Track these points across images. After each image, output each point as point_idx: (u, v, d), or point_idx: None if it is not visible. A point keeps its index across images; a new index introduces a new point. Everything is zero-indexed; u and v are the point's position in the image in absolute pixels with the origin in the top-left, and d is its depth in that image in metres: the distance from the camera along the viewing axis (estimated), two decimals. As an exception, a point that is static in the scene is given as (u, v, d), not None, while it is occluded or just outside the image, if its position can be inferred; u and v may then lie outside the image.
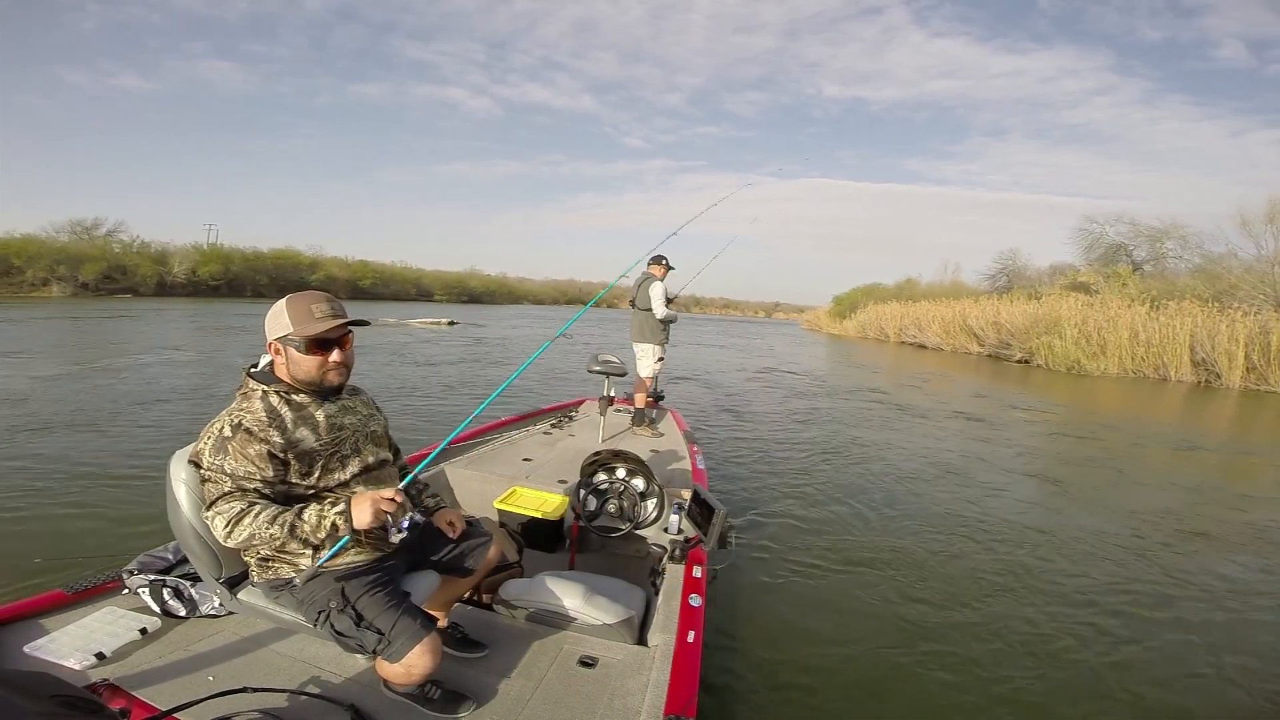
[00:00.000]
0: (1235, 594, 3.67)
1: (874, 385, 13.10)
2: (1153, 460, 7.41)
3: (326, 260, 43.81)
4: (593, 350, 5.13)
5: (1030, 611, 3.30)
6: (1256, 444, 9.27)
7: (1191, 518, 5.09)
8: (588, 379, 5.48)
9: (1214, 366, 17.75)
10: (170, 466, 1.65)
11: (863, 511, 4.76)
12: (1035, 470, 6.53)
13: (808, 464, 6.10)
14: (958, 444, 7.49)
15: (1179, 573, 3.90)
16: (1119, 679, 2.75)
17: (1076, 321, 20.51)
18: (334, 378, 1.63)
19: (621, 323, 34.70)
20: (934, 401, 10.94)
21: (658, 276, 5.32)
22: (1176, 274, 28.08)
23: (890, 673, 2.71)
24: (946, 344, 27.46)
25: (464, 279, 62.08)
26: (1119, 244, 32.42)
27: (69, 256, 28.46)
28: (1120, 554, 4.17)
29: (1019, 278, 36.37)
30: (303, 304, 1.57)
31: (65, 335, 13.24)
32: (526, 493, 3.03)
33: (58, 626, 1.83)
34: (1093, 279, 28.62)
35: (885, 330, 33.35)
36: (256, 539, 1.45)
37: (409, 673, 1.53)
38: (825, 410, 9.53)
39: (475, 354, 14.34)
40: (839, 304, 44.97)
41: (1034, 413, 10.54)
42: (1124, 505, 5.34)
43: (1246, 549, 4.46)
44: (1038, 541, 4.33)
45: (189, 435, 1.61)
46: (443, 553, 1.89)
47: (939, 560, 3.91)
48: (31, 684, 1.00)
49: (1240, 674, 2.85)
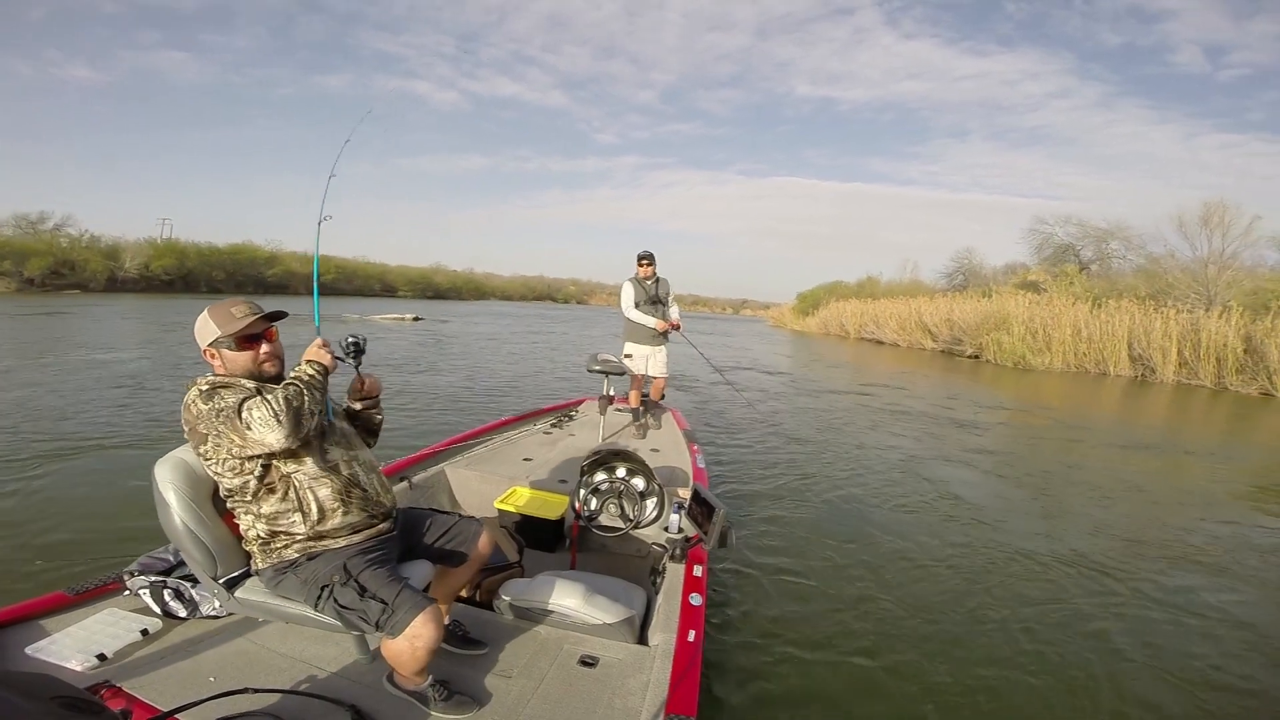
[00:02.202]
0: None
1: (851, 385, 13.24)
2: (1102, 459, 7.63)
3: (285, 255, 42.81)
4: (592, 350, 5.10)
5: (1032, 610, 3.35)
6: (1192, 440, 9.79)
7: (1144, 517, 5.32)
8: (588, 379, 5.42)
9: (1149, 362, 18.73)
10: (155, 473, 1.68)
11: (862, 511, 4.80)
12: (1009, 471, 6.64)
13: (805, 464, 6.11)
14: (938, 444, 7.61)
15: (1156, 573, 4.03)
16: (1111, 672, 2.82)
17: (1024, 319, 21.37)
18: (269, 368, 1.76)
19: (590, 319, 34.36)
20: (915, 401, 11.10)
21: (640, 276, 5.20)
22: (1121, 274, 29.41)
23: (890, 672, 2.72)
24: (903, 340, 28.28)
25: (429, 275, 61.21)
26: (1068, 244, 33.80)
27: (13, 251, 27.35)
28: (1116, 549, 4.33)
29: (974, 276, 37.59)
30: (223, 309, 1.72)
31: (20, 332, 12.81)
32: (527, 492, 3.06)
33: (59, 628, 1.83)
34: (1042, 278, 29.69)
35: (845, 327, 34.13)
36: (293, 398, 1.58)
37: (413, 646, 1.57)
38: (813, 409, 9.61)
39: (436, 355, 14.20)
40: (803, 301, 45.78)
41: (1012, 413, 10.76)
42: (1082, 508, 5.54)
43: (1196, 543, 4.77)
44: (1035, 539, 4.41)
45: (164, 428, 1.70)
46: (433, 541, 1.97)
47: (938, 559, 3.97)
48: (33, 685, 1.01)
49: (1180, 660, 2.99)
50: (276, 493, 1.69)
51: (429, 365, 11.81)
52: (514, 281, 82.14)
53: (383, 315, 24.27)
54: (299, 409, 1.58)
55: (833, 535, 4.24)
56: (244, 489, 1.67)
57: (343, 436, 1.85)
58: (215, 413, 1.56)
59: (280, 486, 1.69)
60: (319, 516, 1.70)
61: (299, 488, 1.70)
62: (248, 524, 1.71)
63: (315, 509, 1.70)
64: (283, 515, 1.68)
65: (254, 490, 1.67)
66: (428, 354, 13.75)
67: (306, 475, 1.71)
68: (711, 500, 2.50)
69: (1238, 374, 17.11)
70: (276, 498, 1.69)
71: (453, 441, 3.78)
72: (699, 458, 3.91)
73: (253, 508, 1.69)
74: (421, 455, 3.47)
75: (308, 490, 1.70)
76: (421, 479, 3.24)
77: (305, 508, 1.69)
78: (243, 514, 1.71)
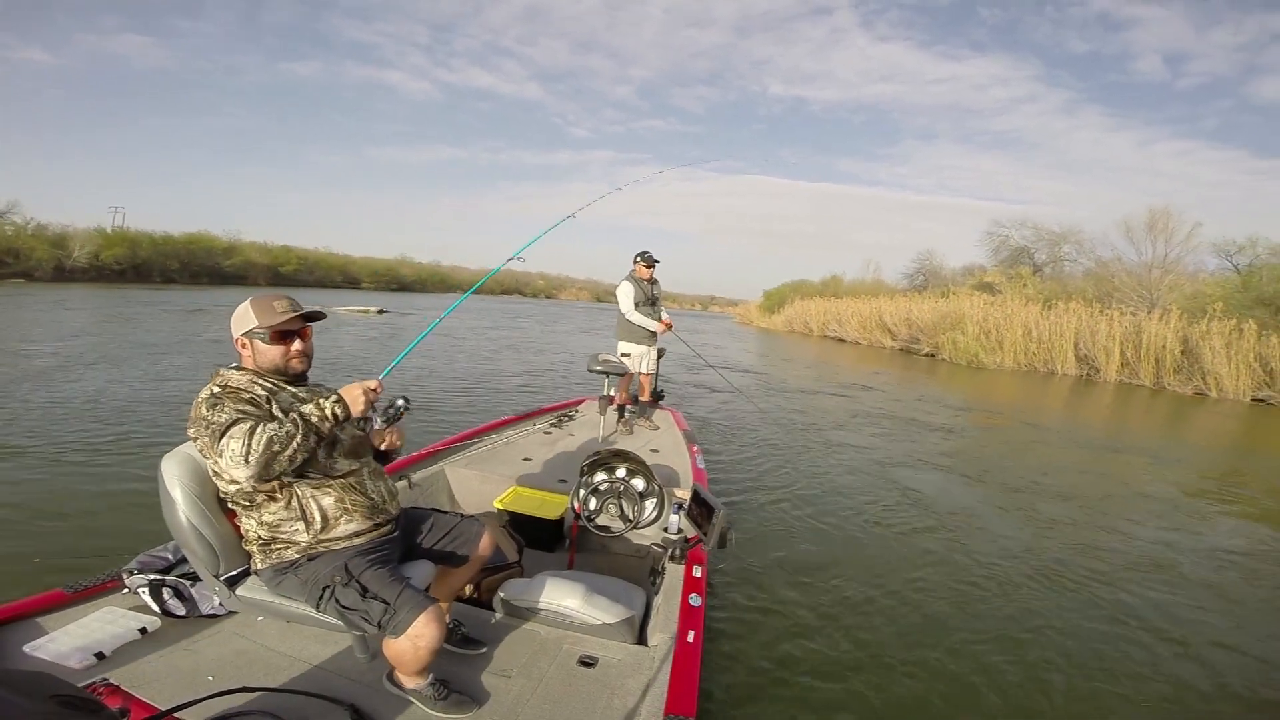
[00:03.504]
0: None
1: (824, 384, 13.20)
2: (1059, 458, 7.94)
3: (244, 245, 41.70)
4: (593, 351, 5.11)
5: (1032, 610, 3.41)
6: (1133, 439, 10.30)
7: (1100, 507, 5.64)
8: (588, 379, 5.35)
9: (1095, 362, 19.55)
10: (161, 467, 1.67)
11: (861, 511, 4.85)
12: (974, 471, 6.78)
13: (803, 465, 6.15)
14: (911, 446, 7.74)
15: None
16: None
17: (978, 319, 22.09)
18: (298, 365, 1.77)
19: (559, 315, 33.86)
20: (892, 404, 11.18)
21: (639, 276, 5.20)
22: (1072, 276, 30.51)
23: (891, 671, 2.74)
24: (864, 338, 28.95)
25: (394, 266, 60.12)
26: (1023, 247, 34.98)
27: (-47, 238, 26.19)
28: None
29: (935, 277, 38.60)
30: (265, 302, 1.74)
31: None
32: (526, 492, 3.09)
33: (57, 626, 1.82)
34: (998, 279, 30.65)
35: (810, 325, 34.73)
36: (276, 442, 1.50)
37: (416, 646, 1.57)
38: (794, 409, 9.72)
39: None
40: (769, 299, 46.34)
41: (974, 415, 11.09)
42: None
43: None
44: (1010, 541, 4.51)
45: (169, 429, 1.71)
46: (434, 542, 1.97)
47: (938, 558, 4.02)
48: (31, 684, 0.99)
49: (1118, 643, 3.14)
50: (279, 501, 1.68)
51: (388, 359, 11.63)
52: (482, 274, 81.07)
53: (345, 307, 23.77)
54: (277, 454, 1.51)
55: (833, 535, 4.28)
56: (245, 494, 1.66)
57: (352, 445, 1.82)
58: (206, 425, 1.54)
59: (283, 495, 1.68)
60: (322, 525, 1.69)
61: (302, 497, 1.69)
62: (249, 525, 1.70)
63: (319, 518, 1.69)
64: (285, 523, 1.68)
65: (255, 498, 1.67)
66: (393, 345, 13.53)
67: (310, 485, 1.70)
68: (711, 501, 2.50)
69: (1175, 374, 17.99)
70: (279, 505, 1.68)
71: (453, 441, 3.79)
72: (698, 458, 3.92)
73: (254, 513, 1.68)
74: (421, 454, 3.47)
75: (310, 500, 1.69)
76: (421, 478, 3.24)
77: (308, 516, 1.69)
78: (244, 515, 1.70)
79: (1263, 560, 4.64)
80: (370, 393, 1.68)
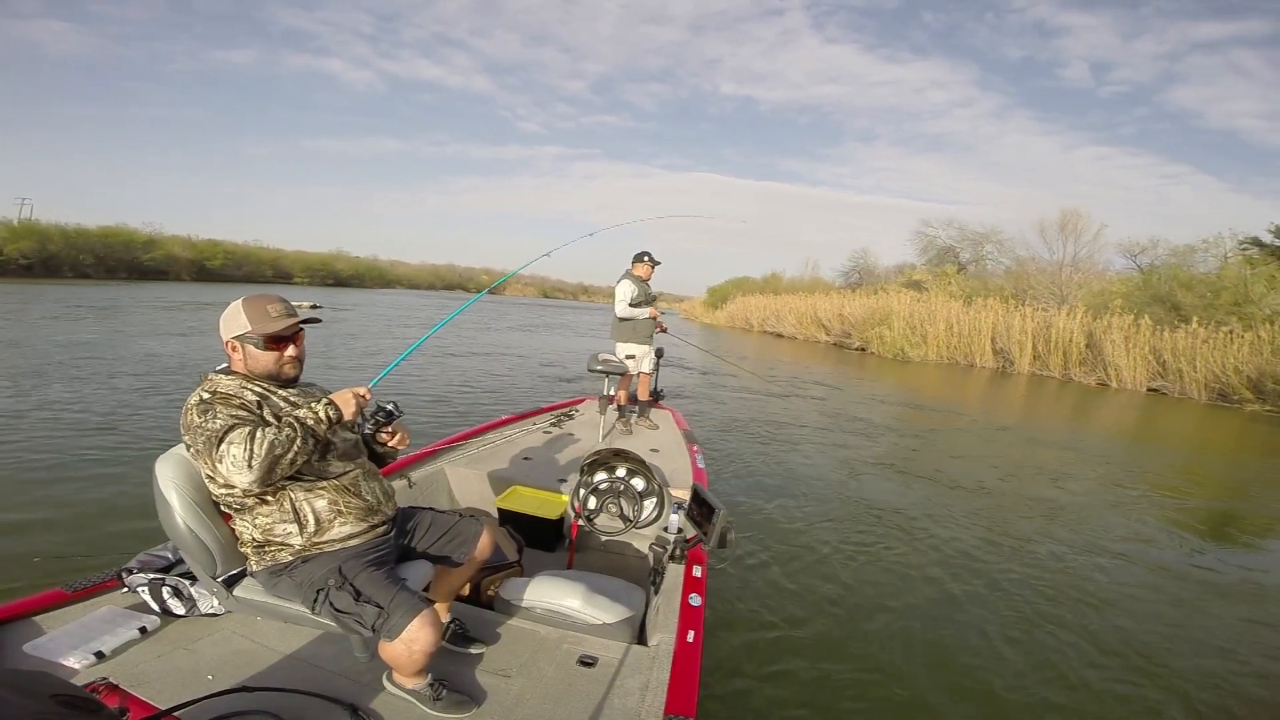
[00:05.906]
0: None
1: (778, 382, 13.45)
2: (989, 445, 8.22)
3: (166, 239, 39.54)
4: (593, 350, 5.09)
5: (1034, 608, 3.47)
6: (1044, 428, 10.84)
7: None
8: (588, 379, 5.30)
9: (1009, 355, 20.84)
10: (156, 469, 1.66)
11: (861, 511, 4.90)
12: (911, 467, 6.85)
13: (798, 465, 6.19)
14: (880, 446, 7.80)
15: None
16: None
17: (904, 315, 23.23)
18: (290, 370, 1.75)
19: (500, 311, 33.13)
20: (839, 398, 11.65)
21: (638, 275, 5.21)
22: (993, 274, 32.25)
23: (891, 670, 2.75)
24: (800, 333, 29.94)
25: (329, 260, 57.66)
26: (949, 246, 36.74)
27: None
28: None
29: (869, 275, 40.10)
30: (258, 306, 1.68)
31: None
32: (526, 492, 3.10)
33: (57, 625, 1.81)
34: (925, 277, 32.08)
35: (750, 320, 35.59)
36: (278, 445, 1.49)
37: (410, 650, 1.56)
38: (769, 407, 9.65)
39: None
40: (712, 295, 47.18)
41: (900, 409, 11.30)
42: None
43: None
44: (1022, 534, 4.64)
45: (163, 430, 1.72)
46: (433, 542, 1.95)
47: (938, 557, 4.06)
48: (30, 683, 1.00)
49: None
50: (271, 504, 1.66)
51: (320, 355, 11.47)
52: (423, 269, 78.84)
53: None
54: (279, 457, 1.51)
55: (833, 535, 4.31)
56: (237, 498, 1.65)
57: (346, 448, 1.80)
58: (199, 431, 1.52)
59: (275, 498, 1.66)
60: (315, 528, 1.67)
61: (295, 500, 1.67)
62: (243, 528, 1.69)
63: (312, 521, 1.67)
64: (278, 525, 1.66)
65: (248, 501, 1.65)
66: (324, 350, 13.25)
67: (303, 487, 1.68)
68: (711, 500, 2.50)
69: (1080, 366, 19.39)
70: (272, 508, 1.66)
71: (452, 440, 3.80)
72: (699, 458, 3.93)
73: (247, 516, 1.67)
74: (421, 454, 3.47)
75: (304, 502, 1.67)
76: (421, 477, 3.25)
77: (302, 519, 1.66)
78: (238, 518, 1.69)
79: (1165, 547, 4.89)
80: (360, 398, 1.69)
